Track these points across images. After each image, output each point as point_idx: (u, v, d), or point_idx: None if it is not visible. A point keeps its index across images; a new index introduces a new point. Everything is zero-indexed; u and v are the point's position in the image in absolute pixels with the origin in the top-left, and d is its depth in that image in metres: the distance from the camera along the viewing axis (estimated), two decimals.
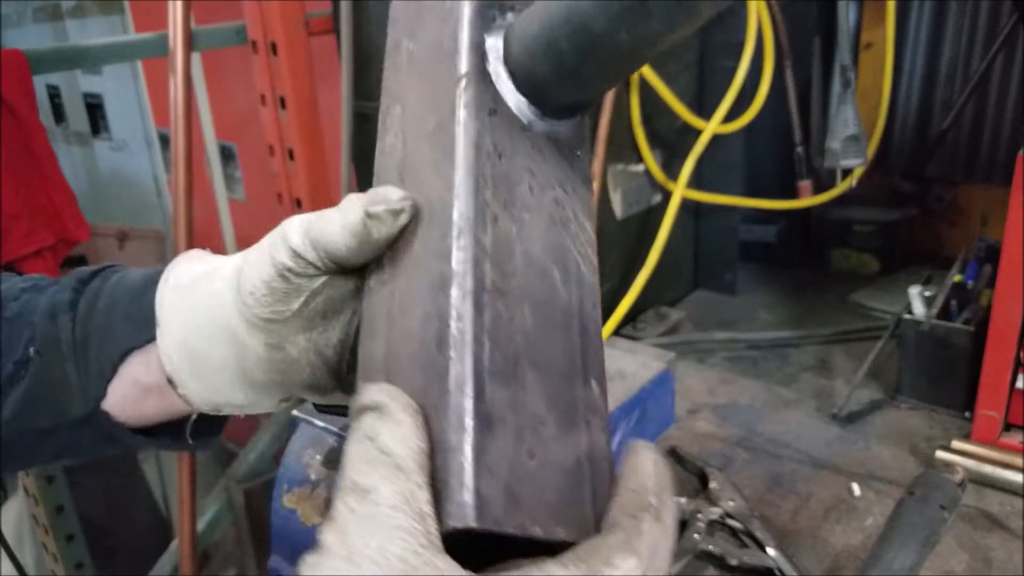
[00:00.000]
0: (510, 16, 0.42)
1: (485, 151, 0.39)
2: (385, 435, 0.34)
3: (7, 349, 0.50)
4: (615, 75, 0.41)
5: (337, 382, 0.50)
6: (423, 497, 0.32)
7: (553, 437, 0.36)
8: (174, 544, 1.77)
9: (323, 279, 0.45)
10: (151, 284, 0.50)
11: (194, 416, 0.53)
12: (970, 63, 1.55)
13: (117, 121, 3.06)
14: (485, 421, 0.34)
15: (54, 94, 3.22)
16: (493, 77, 0.41)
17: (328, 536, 0.32)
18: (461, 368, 0.35)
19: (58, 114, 3.26)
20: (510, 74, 0.41)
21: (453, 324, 0.36)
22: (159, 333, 0.48)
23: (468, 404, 0.34)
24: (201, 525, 1.81)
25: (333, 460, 0.92)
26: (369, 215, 0.41)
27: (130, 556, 2.03)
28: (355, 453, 0.34)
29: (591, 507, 0.36)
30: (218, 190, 2.33)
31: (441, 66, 0.42)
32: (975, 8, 1.52)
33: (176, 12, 1.55)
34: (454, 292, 0.36)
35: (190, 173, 1.62)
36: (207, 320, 0.47)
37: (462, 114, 0.39)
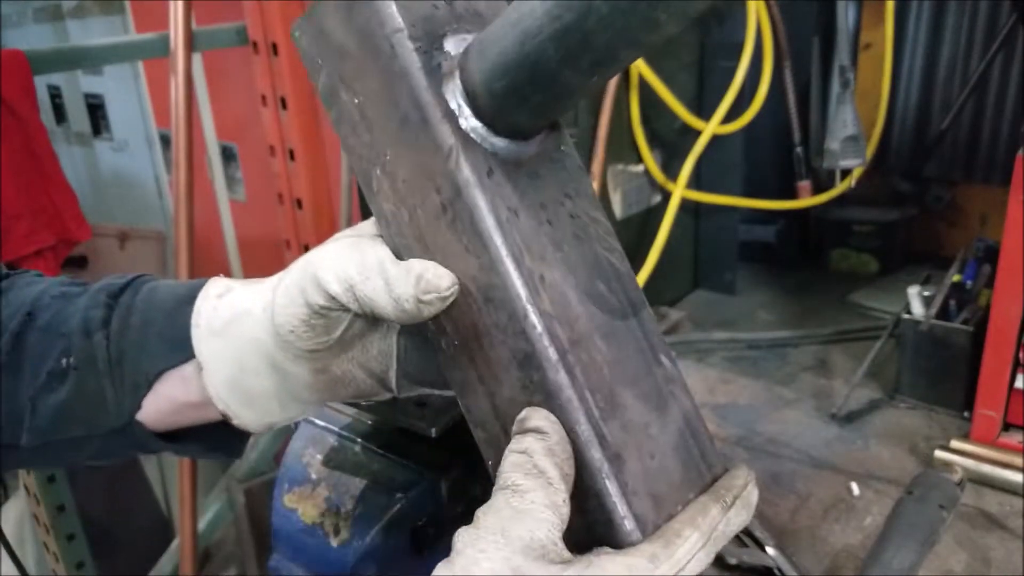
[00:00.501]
0: (448, 45, 0.42)
1: (505, 218, 0.40)
2: (541, 455, 0.40)
3: (40, 358, 0.52)
4: (581, 95, 0.42)
5: (383, 386, 0.52)
6: (565, 508, 0.39)
7: (659, 430, 0.43)
8: (175, 543, 1.77)
9: (362, 316, 0.48)
10: (183, 304, 0.52)
11: (225, 430, 0.54)
12: (969, 63, 1.56)
13: (118, 121, 3.06)
14: (614, 459, 0.41)
15: (55, 94, 3.22)
16: (472, 135, 0.41)
17: (487, 518, 0.38)
18: (580, 429, 0.40)
19: (59, 114, 3.27)
20: (485, 124, 0.41)
21: (559, 396, 0.40)
22: (207, 379, 0.50)
23: (597, 455, 0.40)
24: (202, 524, 1.81)
25: (333, 460, 0.92)
26: (422, 301, 0.43)
27: (131, 555, 2.03)
28: (515, 461, 0.40)
29: (702, 461, 0.44)
30: (219, 190, 2.33)
31: (414, 136, 0.42)
32: (974, 8, 1.52)
33: (177, 12, 1.56)
34: (547, 369, 0.40)
35: (191, 173, 1.62)
36: (250, 360, 0.49)
37: (470, 193, 0.40)
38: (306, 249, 1.87)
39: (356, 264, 0.45)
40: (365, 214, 1.98)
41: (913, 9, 1.59)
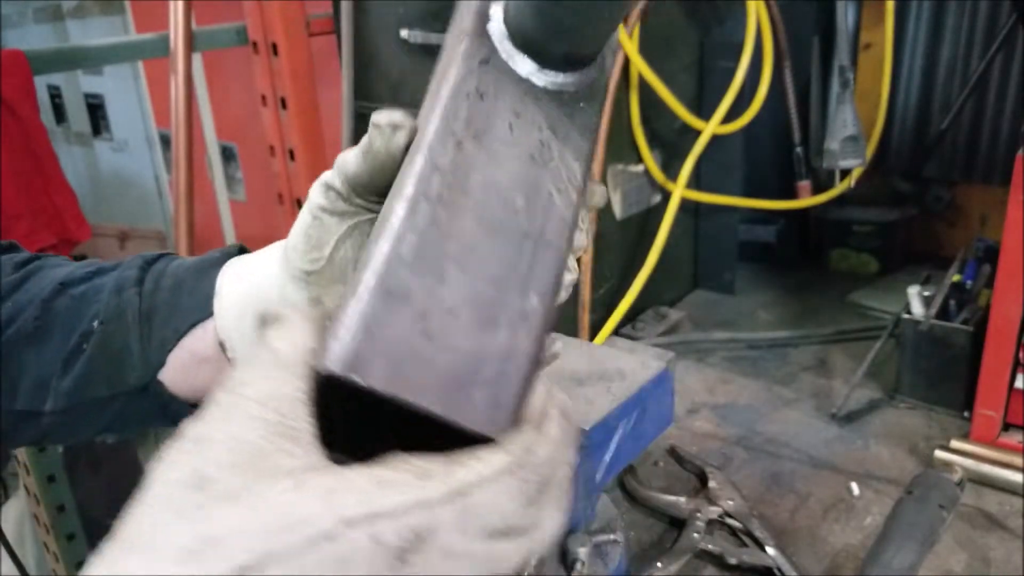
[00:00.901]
0: None
1: (465, 92, 0.43)
2: (275, 338, 0.33)
3: (73, 324, 0.53)
4: (596, 24, 0.44)
5: None
6: (299, 391, 0.32)
7: (462, 330, 0.37)
8: None
9: (349, 223, 0.48)
10: (218, 263, 0.53)
11: None
12: (969, 63, 1.56)
13: (118, 121, 3.06)
14: (382, 293, 0.35)
15: (55, 94, 3.22)
16: (493, 34, 0.45)
17: (187, 425, 0.31)
18: (375, 252, 0.37)
19: (59, 114, 3.27)
20: (509, 32, 0.45)
21: (385, 222, 0.38)
22: (216, 299, 0.51)
23: (370, 279, 0.36)
24: None
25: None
26: (372, 124, 0.45)
27: None
28: (245, 355, 0.34)
29: (489, 406, 0.35)
30: (219, 190, 2.34)
31: (455, 37, 0.47)
32: (974, 8, 1.52)
33: (177, 13, 1.56)
34: (397, 200, 0.39)
35: (191, 173, 1.62)
36: (260, 288, 0.50)
37: (454, 63, 0.44)
38: None
39: None
40: None
41: (913, 9, 1.59)
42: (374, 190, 0.47)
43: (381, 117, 0.45)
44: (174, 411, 0.53)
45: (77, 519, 1.64)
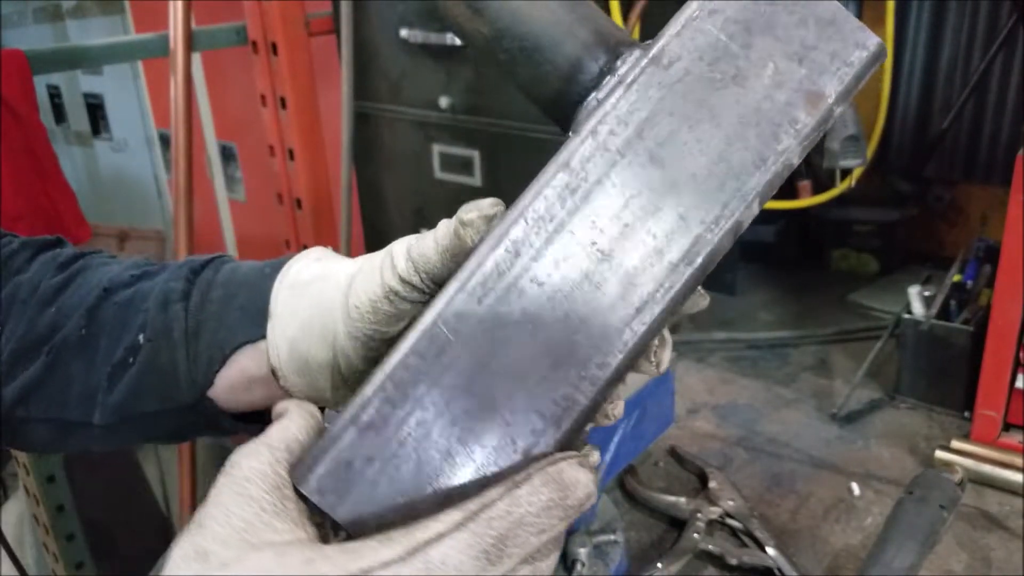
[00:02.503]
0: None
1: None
2: (272, 430, 0.38)
3: (118, 334, 0.51)
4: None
5: None
6: (281, 472, 0.36)
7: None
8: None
9: (422, 303, 0.45)
10: (267, 278, 0.51)
11: None
12: (969, 63, 1.56)
13: (117, 121, 3.06)
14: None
15: (55, 94, 3.22)
16: None
17: (198, 510, 0.35)
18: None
19: (59, 114, 3.27)
20: None
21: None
22: (270, 326, 0.49)
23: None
24: None
25: None
26: (462, 222, 0.42)
27: (130, 555, 2.03)
28: (243, 447, 0.37)
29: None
30: (218, 190, 2.34)
31: None
32: (974, 8, 1.52)
33: (176, 12, 1.56)
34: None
35: (190, 173, 1.62)
36: (317, 323, 0.48)
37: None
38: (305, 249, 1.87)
39: (422, 234, 0.45)
40: (365, 214, 2.00)
41: (913, 9, 1.59)
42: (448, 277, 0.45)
43: (471, 213, 0.42)
44: (224, 426, 0.52)
45: (77, 519, 1.64)
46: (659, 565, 0.94)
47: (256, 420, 0.53)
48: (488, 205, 0.42)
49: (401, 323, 0.46)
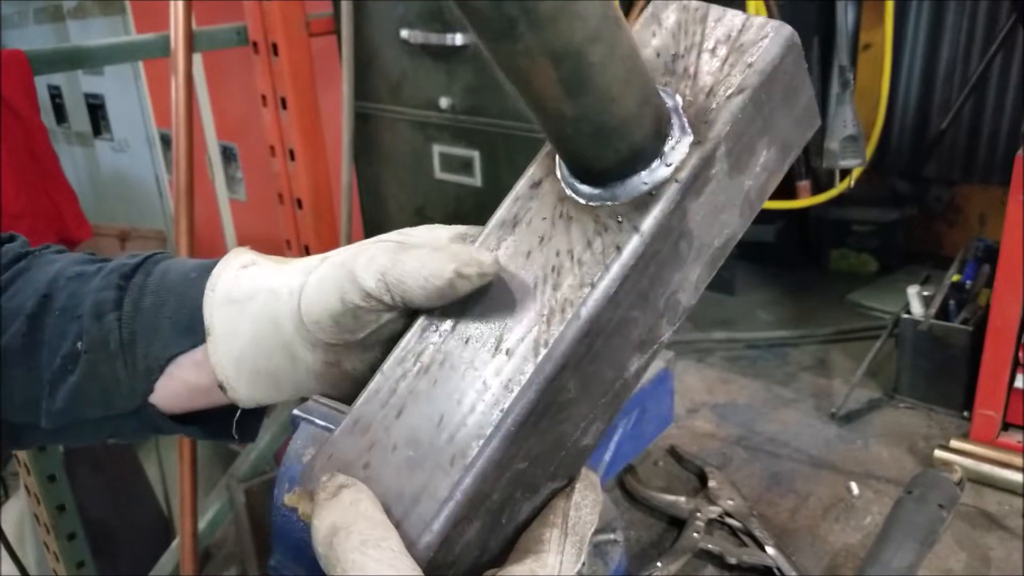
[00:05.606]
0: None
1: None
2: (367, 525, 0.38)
3: (56, 342, 0.51)
4: None
5: None
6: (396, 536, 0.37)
7: (392, 466, 0.40)
8: (175, 543, 1.77)
9: (388, 316, 0.45)
10: (193, 284, 0.50)
11: (239, 414, 0.54)
12: (968, 64, 1.56)
13: (118, 121, 3.07)
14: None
15: (56, 94, 3.23)
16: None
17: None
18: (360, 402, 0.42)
19: (60, 114, 3.27)
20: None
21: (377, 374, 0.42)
22: (211, 346, 0.49)
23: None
24: (202, 524, 1.81)
25: None
26: (462, 275, 0.41)
27: (131, 555, 2.03)
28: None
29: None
30: (219, 190, 2.34)
31: None
32: (973, 9, 1.52)
33: (177, 13, 1.56)
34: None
35: (191, 173, 1.62)
36: (265, 339, 0.47)
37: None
38: (307, 249, 1.87)
39: (391, 254, 0.43)
40: (365, 214, 2.00)
41: (913, 9, 1.59)
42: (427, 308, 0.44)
43: (470, 268, 0.41)
44: (166, 429, 0.53)
45: (77, 519, 1.65)
46: (659, 564, 0.94)
47: (194, 422, 0.54)
48: (489, 264, 0.41)
49: (364, 331, 0.45)
